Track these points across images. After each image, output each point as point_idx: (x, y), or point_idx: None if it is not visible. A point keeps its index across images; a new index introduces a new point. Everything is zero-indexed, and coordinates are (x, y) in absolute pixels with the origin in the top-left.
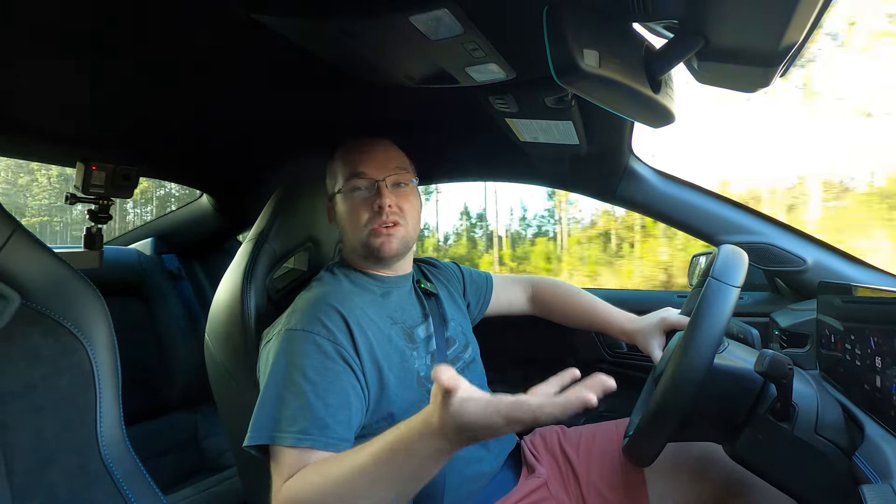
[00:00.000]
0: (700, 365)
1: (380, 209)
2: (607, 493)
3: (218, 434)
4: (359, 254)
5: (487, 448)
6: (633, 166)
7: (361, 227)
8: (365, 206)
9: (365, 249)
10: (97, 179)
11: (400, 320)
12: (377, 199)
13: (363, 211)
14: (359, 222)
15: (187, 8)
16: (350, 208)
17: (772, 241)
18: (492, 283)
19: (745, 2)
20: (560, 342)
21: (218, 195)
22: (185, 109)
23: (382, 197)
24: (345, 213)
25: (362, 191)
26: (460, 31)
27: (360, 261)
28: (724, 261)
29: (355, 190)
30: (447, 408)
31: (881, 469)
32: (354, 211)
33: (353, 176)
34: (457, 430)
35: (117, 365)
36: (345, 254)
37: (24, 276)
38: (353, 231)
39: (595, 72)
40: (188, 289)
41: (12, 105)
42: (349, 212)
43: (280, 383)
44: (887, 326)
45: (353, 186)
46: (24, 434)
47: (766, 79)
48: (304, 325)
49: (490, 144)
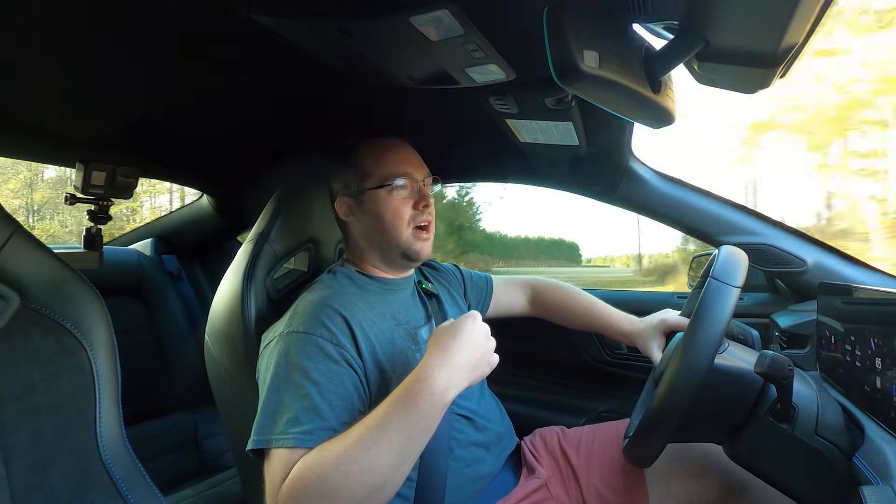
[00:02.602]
0: (700, 366)
1: (424, 207)
2: (607, 494)
3: (218, 434)
4: (386, 255)
5: (488, 449)
6: (633, 167)
7: (405, 225)
8: (407, 205)
9: (402, 248)
10: (97, 180)
11: (404, 321)
12: (419, 198)
13: (405, 209)
14: (402, 220)
15: (187, 8)
16: (393, 206)
17: (772, 241)
18: (492, 284)
19: (746, 3)
20: (560, 343)
21: (218, 195)
22: (184, 109)
23: (427, 196)
24: (383, 210)
25: (406, 189)
26: (460, 31)
27: (378, 262)
28: (724, 261)
29: (398, 188)
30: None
31: (881, 470)
32: (397, 209)
33: (396, 174)
34: (441, 350)
35: (117, 365)
36: (351, 255)
37: (24, 277)
38: (394, 229)
39: (595, 73)
40: (188, 289)
41: (12, 105)
42: (392, 209)
43: (283, 386)
44: (887, 328)
45: (397, 185)
46: (23, 435)
47: (767, 80)
48: (305, 328)
49: (490, 145)
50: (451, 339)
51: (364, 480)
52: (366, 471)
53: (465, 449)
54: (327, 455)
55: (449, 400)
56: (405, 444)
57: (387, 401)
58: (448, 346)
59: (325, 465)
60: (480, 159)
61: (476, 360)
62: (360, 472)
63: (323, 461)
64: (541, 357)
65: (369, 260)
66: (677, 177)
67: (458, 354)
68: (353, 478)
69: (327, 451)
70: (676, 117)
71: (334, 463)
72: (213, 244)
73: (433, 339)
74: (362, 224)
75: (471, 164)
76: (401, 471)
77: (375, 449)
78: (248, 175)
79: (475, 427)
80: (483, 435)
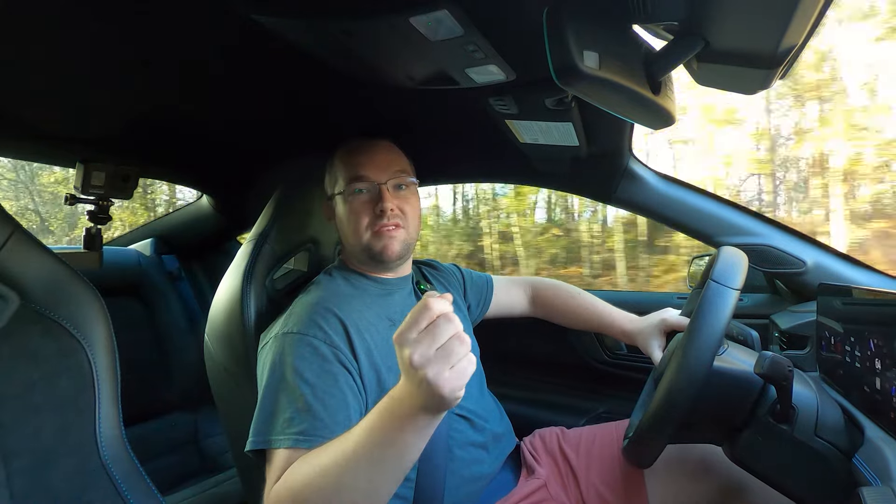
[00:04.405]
0: (700, 367)
1: (381, 213)
2: (607, 495)
3: (218, 434)
4: (359, 258)
5: (486, 449)
6: (632, 167)
7: (363, 230)
8: (366, 209)
9: (367, 252)
10: (97, 180)
11: (400, 322)
12: (379, 203)
13: (364, 214)
14: (360, 225)
15: (187, 8)
16: (351, 211)
17: (771, 242)
18: (492, 284)
19: (745, 4)
20: (560, 343)
21: (218, 195)
22: (184, 109)
23: (384, 200)
24: (345, 216)
25: (363, 193)
26: (460, 32)
27: (361, 263)
28: (723, 263)
29: (356, 193)
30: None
31: (881, 471)
32: (355, 214)
33: (354, 179)
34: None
35: (116, 366)
36: (344, 256)
37: (24, 277)
38: (354, 234)
39: (595, 73)
40: (188, 289)
41: (13, 105)
42: (350, 215)
43: (278, 387)
44: (887, 328)
45: (354, 189)
46: (22, 435)
47: (767, 80)
48: (300, 329)
49: (490, 146)
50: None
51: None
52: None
53: (463, 449)
54: (313, 465)
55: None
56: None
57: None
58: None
59: (310, 475)
60: (480, 159)
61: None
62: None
63: (309, 470)
64: (541, 357)
65: (355, 262)
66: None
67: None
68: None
69: (314, 461)
70: (676, 118)
71: (318, 474)
72: (213, 244)
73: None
74: (339, 228)
75: (471, 164)
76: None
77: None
78: (247, 175)
79: (474, 427)
80: (482, 435)
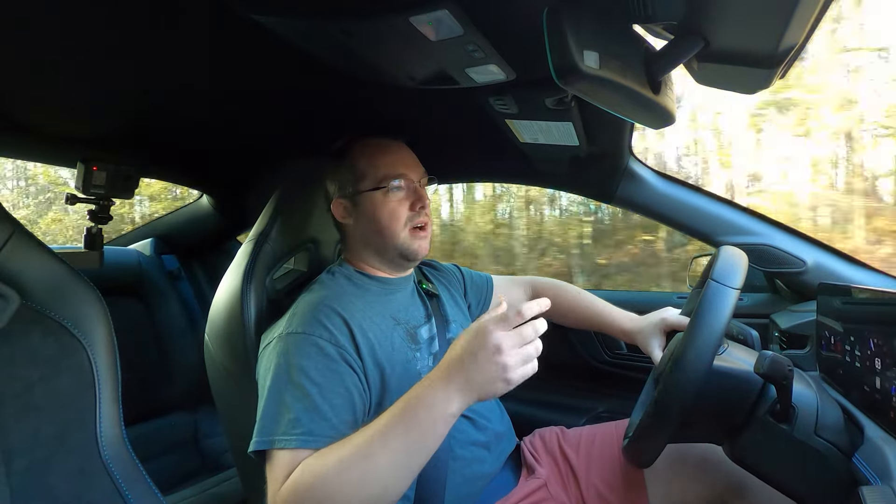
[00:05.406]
0: (700, 366)
1: (421, 208)
2: (607, 494)
3: (218, 434)
4: (384, 256)
5: (488, 449)
6: (632, 167)
7: (400, 227)
8: (403, 206)
9: (398, 250)
10: (97, 180)
11: (403, 321)
12: (416, 199)
13: (402, 211)
14: (399, 221)
15: (187, 8)
16: (389, 208)
17: (771, 242)
18: (492, 284)
19: (745, 3)
20: (560, 343)
21: (218, 195)
22: (185, 109)
23: (424, 197)
24: (380, 213)
25: (401, 191)
26: (460, 31)
27: (376, 262)
28: (723, 262)
29: (394, 190)
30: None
31: (881, 470)
32: (394, 210)
33: (390, 176)
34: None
35: (117, 365)
36: (349, 255)
37: (24, 276)
38: (391, 230)
39: (595, 73)
40: (188, 289)
41: (12, 105)
42: (388, 211)
43: (283, 387)
44: (887, 328)
45: (393, 186)
46: (23, 435)
47: (766, 80)
48: (304, 328)
49: (490, 145)
50: (456, 356)
51: (363, 488)
52: (365, 478)
53: (465, 448)
54: (328, 460)
55: (452, 414)
56: (405, 457)
57: (390, 410)
58: (451, 362)
59: (326, 470)
60: (480, 159)
61: (484, 378)
62: (359, 479)
63: (324, 466)
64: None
65: (367, 260)
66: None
67: (460, 372)
68: (353, 484)
69: (329, 456)
70: (676, 117)
71: (335, 469)
72: (213, 244)
73: (448, 351)
74: (359, 226)
75: (471, 164)
76: (402, 481)
77: (375, 459)
78: (247, 175)
79: (476, 427)
80: (483, 435)
